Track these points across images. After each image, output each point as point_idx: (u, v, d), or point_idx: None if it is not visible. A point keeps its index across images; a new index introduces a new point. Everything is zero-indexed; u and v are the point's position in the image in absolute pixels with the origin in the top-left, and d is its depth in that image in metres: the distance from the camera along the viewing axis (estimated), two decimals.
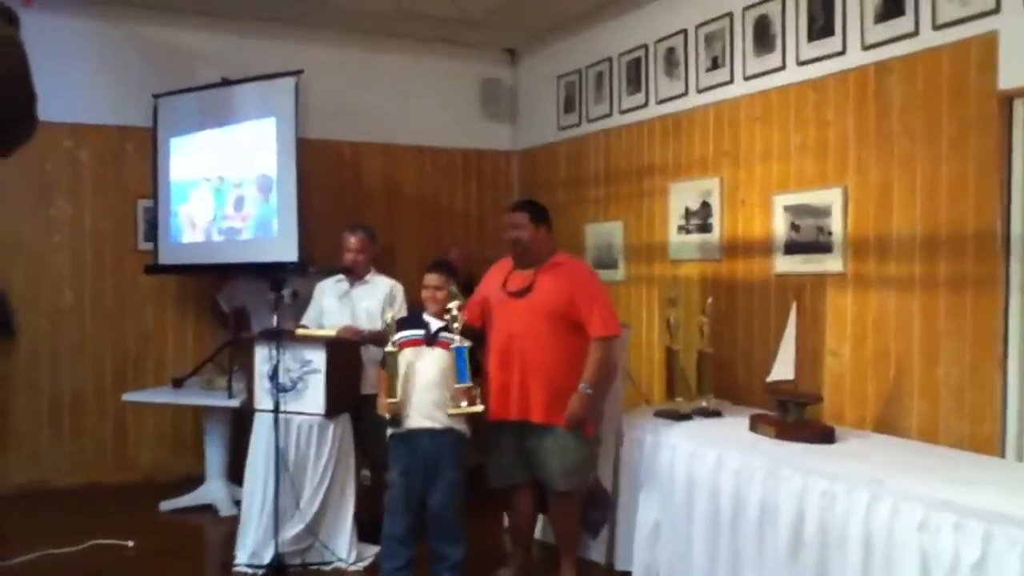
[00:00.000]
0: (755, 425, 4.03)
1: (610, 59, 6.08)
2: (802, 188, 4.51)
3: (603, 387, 4.16)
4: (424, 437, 3.97)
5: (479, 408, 3.91)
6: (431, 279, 4.11)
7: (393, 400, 3.93)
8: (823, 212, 4.35)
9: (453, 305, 3.93)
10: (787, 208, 4.57)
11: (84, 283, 6.16)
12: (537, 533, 4.50)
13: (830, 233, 4.31)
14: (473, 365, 3.91)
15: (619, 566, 4.40)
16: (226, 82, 5.97)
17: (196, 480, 5.69)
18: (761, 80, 4.78)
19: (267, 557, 4.30)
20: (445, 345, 3.97)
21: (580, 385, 3.96)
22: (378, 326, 4.72)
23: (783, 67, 4.64)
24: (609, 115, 6.11)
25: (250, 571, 4.36)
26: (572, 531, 4.26)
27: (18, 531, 5.02)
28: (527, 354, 4.01)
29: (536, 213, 4.18)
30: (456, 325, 3.92)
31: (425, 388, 3.97)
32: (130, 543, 4.80)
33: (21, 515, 5.41)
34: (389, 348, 4.00)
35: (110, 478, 6.12)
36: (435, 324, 4.03)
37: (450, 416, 3.93)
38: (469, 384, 3.88)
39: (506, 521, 4.73)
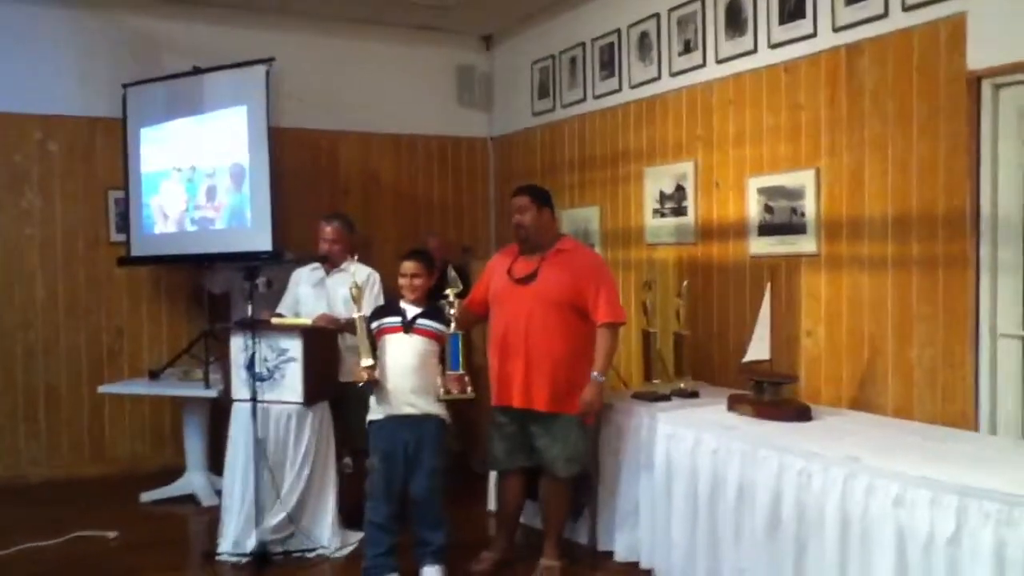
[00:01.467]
0: (732, 405, 4.07)
1: (583, 44, 6.08)
2: (775, 170, 4.54)
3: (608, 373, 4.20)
4: (403, 424, 3.99)
5: (470, 396, 3.93)
6: (408, 267, 4.13)
7: (369, 363, 3.97)
8: (796, 194, 4.39)
9: (450, 292, 3.95)
10: (761, 190, 4.61)
11: (56, 276, 6.10)
12: (523, 517, 4.52)
13: (803, 214, 4.35)
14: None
15: (601, 547, 4.44)
16: (197, 71, 5.91)
17: (176, 471, 5.68)
18: (733, 63, 4.80)
19: (249, 546, 4.31)
20: (423, 332, 3.99)
21: (592, 373, 3.97)
22: (355, 314, 4.71)
23: (755, 50, 4.66)
24: (583, 100, 6.12)
25: (233, 559, 4.36)
26: (563, 515, 4.30)
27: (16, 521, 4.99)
28: (532, 341, 4.01)
29: (538, 196, 4.19)
30: (452, 311, 3.94)
31: (403, 375, 3.98)
32: (112, 534, 4.79)
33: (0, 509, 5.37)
34: (357, 314, 4.05)
35: (89, 471, 6.09)
36: (411, 311, 4.04)
37: (439, 402, 3.95)
38: (461, 372, 3.89)
39: (490, 505, 4.75)
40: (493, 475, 4.75)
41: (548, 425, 4.06)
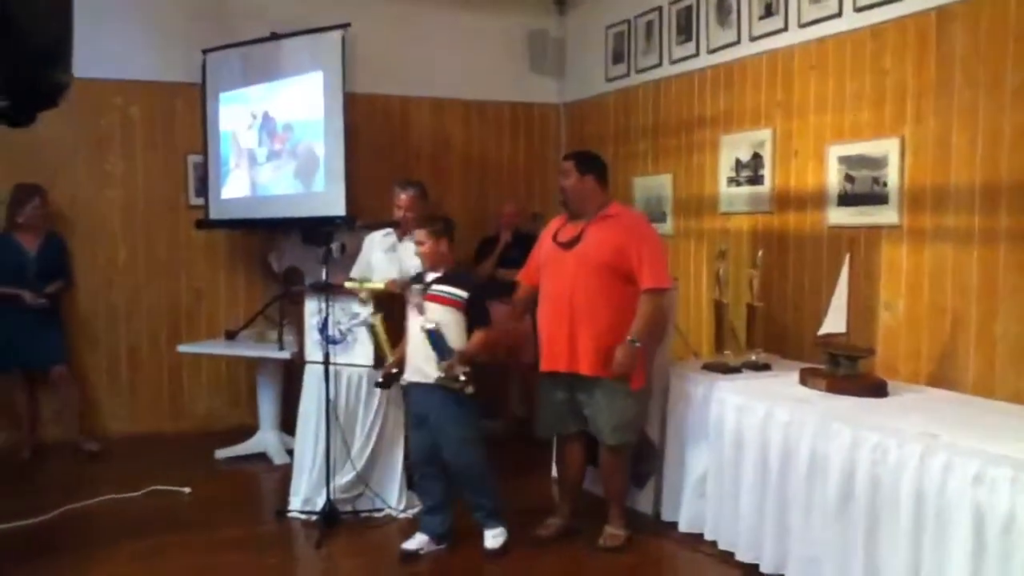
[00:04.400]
0: (805, 379, 3.99)
1: (660, 8, 5.95)
2: (857, 138, 4.40)
3: (652, 340, 4.14)
4: (416, 391, 4.07)
5: (461, 386, 3.90)
6: (417, 235, 4.13)
7: (388, 365, 4.18)
8: (879, 163, 4.25)
9: (373, 319, 4.18)
10: (841, 159, 4.47)
11: (137, 238, 6.28)
12: (587, 484, 4.52)
13: (885, 184, 4.21)
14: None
15: (665, 517, 4.42)
16: (274, 36, 5.98)
17: (249, 430, 5.82)
18: (816, 27, 4.65)
19: (320, 504, 4.41)
20: (436, 299, 4.00)
21: (627, 338, 3.93)
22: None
23: (839, 14, 4.50)
24: (659, 65, 6.01)
25: (303, 517, 4.47)
26: (620, 484, 4.28)
27: (80, 477, 5.19)
28: (575, 305, 4.00)
29: (583, 162, 4.16)
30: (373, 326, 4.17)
31: (415, 343, 4.02)
32: (187, 490, 4.94)
33: (82, 462, 5.59)
34: (370, 319, 4.28)
35: (166, 428, 6.29)
36: (429, 277, 4.08)
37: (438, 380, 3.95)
38: (449, 361, 3.88)
39: (554, 472, 4.77)
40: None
41: (592, 391, 4.04)
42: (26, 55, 1.33)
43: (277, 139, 6.00)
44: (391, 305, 4.37)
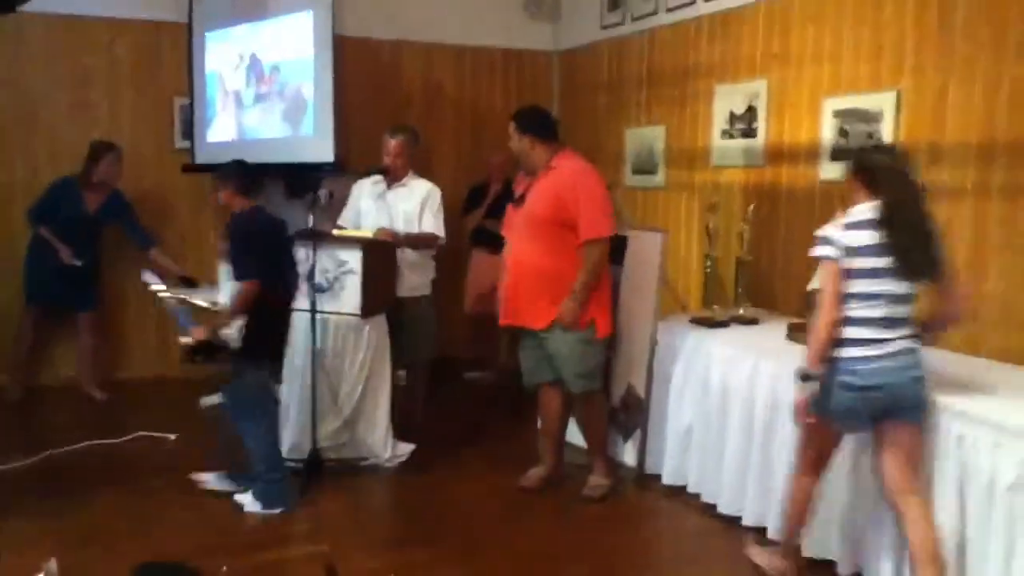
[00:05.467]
0: (793, 333, 3.97)
1: None
2: (853, 91, 4.34)
3: (603, 288, 4.12)
4: None
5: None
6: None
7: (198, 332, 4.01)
8: (874, 117, 4.19)
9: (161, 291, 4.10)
10: (836, 112, 4.41)
11: (123, 181, 6.16)
12: (572, 436, 4.53)
13: (880, 139, 4.16)
14: None
15: (649, 469, 4.44)
16: None
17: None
18: None
19: (306, 452, 4.40)
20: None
21: (574, 290, 3.96)
22: (415, 229, 4.70)
23: None
24: (654, 13, 5.89)
25: (290, 464, 4.46)
26: (598, 432, 4.34)
27: (64, 422, 5.18)
28: (525, 261, 4.06)
29: (521, 122, 4.13)
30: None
31: None
32: (172, 436, 4.93)
33: (66, 407, 5.57)
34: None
35: (151, 373, 6.26)
36: None
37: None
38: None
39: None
40: None
41: (551, 343, 4.07)
42: None
43: (264, 81, 5.89)
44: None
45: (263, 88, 5.89)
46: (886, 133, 4.12)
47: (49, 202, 5.54)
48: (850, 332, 2.87)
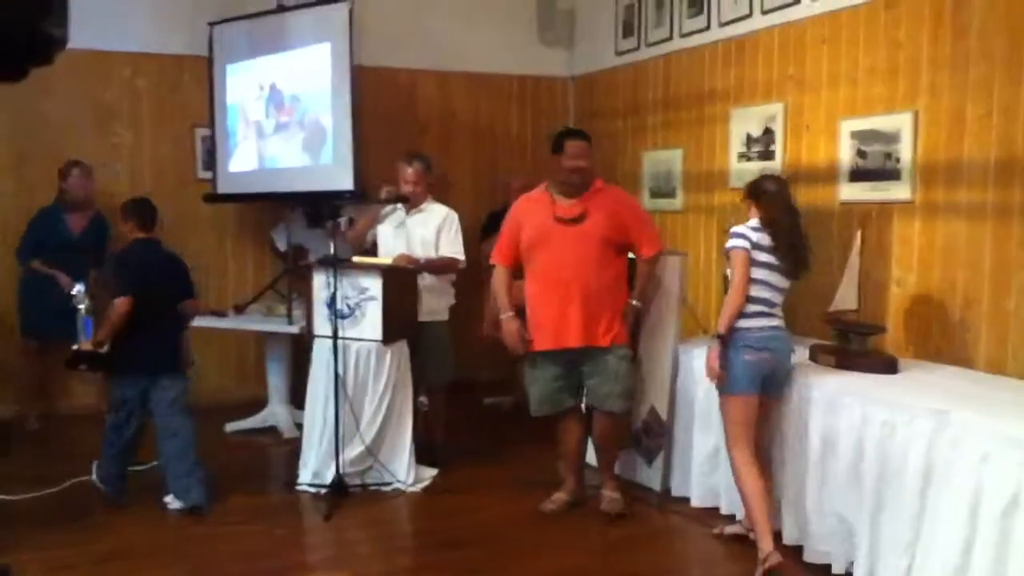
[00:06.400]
0: (815, 355, 3.97)
1: None
2: (870, 113, 4.35)
3: (648, 304, 4.41)
4: None
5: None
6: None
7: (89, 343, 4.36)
8: (892, 138, 4.21)
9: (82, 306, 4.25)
10: (854, 134, 4.43)
11: None
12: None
13: (898, 160, 4.18)
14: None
15: (676, 492, 4.43)
16: (281, 8, 5.93)
17: (258, 404, 5.84)
18: (829, 0, 4.59)
19: (329, 477, 4.42)
20: None
21: (631, 301, 4.19)
22: (432, 254, 4.74)
23: None
24: (669, 39, 5.94)
25: (312, 490, 4.48)
26: (616, 450, 4.45)
27: (90, 449, 5.19)
28: (587, 280, 4.07)
29: (590, 141, 4.25)
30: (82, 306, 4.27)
31: None
32: None
33: (91, 434, 5.60)
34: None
35: None
36: None
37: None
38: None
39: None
40: None
41: (600, 361, 4.13)
42: (16, 4, 1.29)
43: (284, 111, 5.97)
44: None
45: (283, 118, 5.97)
46: (905, 153, 4.13)
47: (34, 234, 5.60)
48: (750, 308, 3.56)
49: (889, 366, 3.74)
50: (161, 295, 4.30)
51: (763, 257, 3.58)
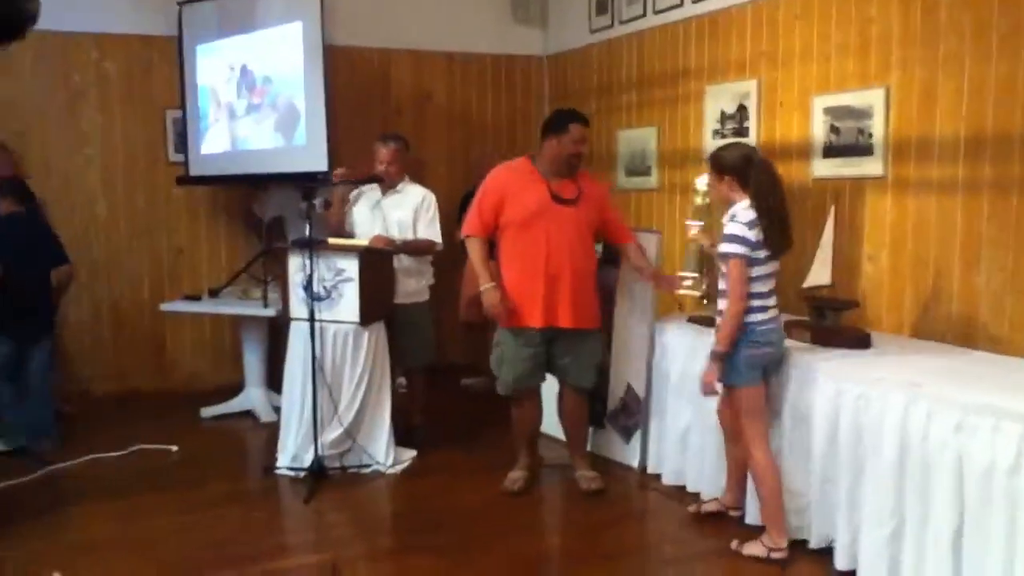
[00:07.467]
0: (789, 331, 4.00)
1: None
2: (843, 89, 4.37)
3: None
4: None
5: None
6: None
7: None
8: (864, 114, 4.23)
9: None
10: (827, 110, 4.45)
11: (117, 196, 6.20)
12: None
13: (871, 135, 4.20)
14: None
15: (651, 470, 4.47)
16: None
17: (234, 388, 5.81)
18: None
19: (307, 460, 4.42)
20: None
21: (651, 270, 4.36)
22: (409, 235, 4.72)
23: None
24: (643, 16, 5.93)
25: (291, 474, 4.48)
26: (585, 428, 4.51)
27: (65, 436, 5.17)
28: (576, 261, 4.13)
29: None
30: None
31: None
32: (174, 448, 4.94)
33: (66, 420, 5.56)
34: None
35: (151, 386, 6.26)
36: None
37: None
38: None
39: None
40: None
41: (577, 341, 4.21)
42: None
43: (256, 92, 5.91)
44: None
45: (255, 99, 5.90)
46: (877, 129, 4.16)
47: None
48: (752, 303, 3.45)
49: (863, 341, 3.77)
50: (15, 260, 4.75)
51: (759, 253, 3.44)
